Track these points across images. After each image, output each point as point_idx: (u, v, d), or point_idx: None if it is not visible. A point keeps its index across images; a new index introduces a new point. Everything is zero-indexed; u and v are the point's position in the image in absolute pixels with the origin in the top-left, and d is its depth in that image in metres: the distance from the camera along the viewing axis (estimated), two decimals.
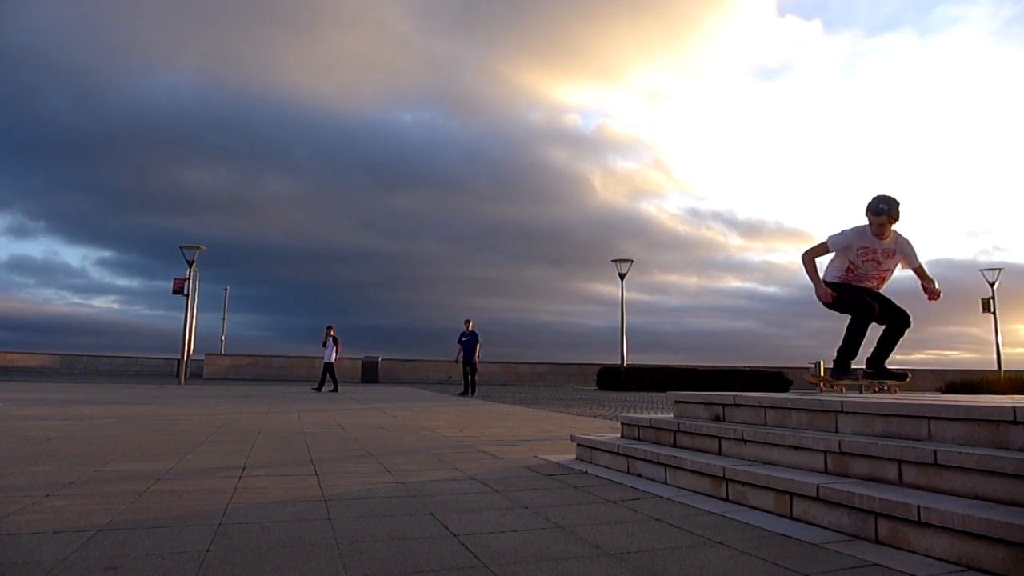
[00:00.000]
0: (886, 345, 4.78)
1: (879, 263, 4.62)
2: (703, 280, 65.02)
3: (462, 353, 16.25)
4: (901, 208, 4.44)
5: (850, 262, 4.66)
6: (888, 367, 4.84)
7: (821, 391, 5.05)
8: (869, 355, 4.81)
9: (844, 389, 5.05)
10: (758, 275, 65.40)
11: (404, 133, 62.90)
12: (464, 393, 16.12)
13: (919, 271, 4.67)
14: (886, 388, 5.03)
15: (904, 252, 4.60)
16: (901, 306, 4.74)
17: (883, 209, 4.41)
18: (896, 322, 4.72)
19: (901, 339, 4.77)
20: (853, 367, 4.82)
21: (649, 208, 65.61)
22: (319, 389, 16.39)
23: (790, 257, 68.45)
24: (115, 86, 58.10)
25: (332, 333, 16.65)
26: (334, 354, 16.55)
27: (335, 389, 16.40)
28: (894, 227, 4.51)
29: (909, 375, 4.93)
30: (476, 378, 16.47)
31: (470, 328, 16.24)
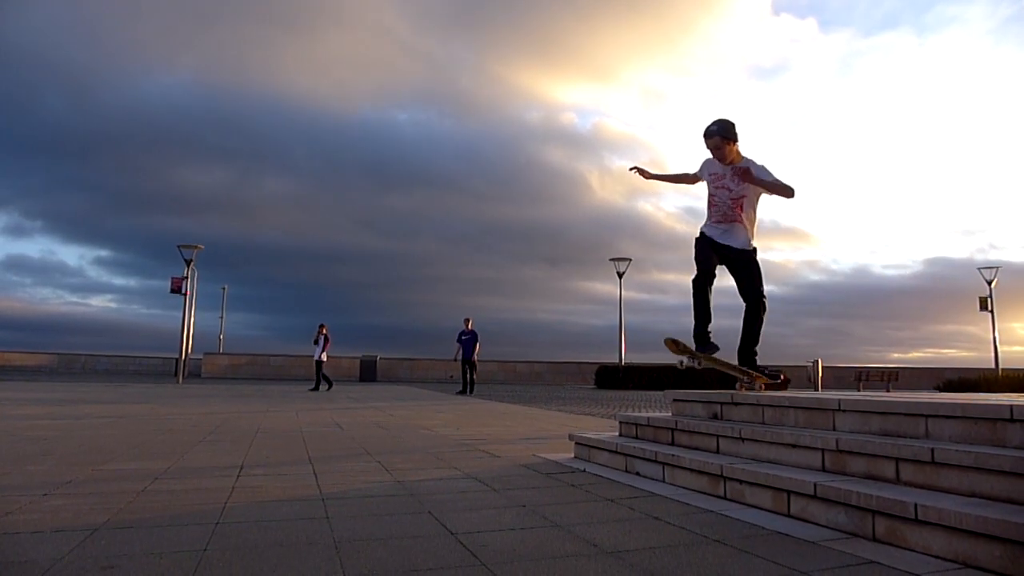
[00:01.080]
0: (743, 332, 4.44)
1: (730, 189, 4.40)
2: None
3: (461, 352, 16.26)
4: (736, 129, 4.30)
5: (709, 194, 4.51)
6: (755, 362, 4.44)
7: (681, 367, 4.46)
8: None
9: (700, 364, 4.43)
10: None
11: (401, 133, 62.91)
12: (462, 392, 16.13)
13: (772, 186, 4.33)
14: (759, 387, 4.47)
15: (760, 170, 4.32)
16: (757, 284, 4.37)
17: (712, 131, 4.32)
18: (745, 304, 4.43)
19: (757, 327, 4.34)
20: (713, 341, 4.37)
21: (646, 207, 65.68)
22: (316, 388, 16.37)
23: (787, 256, 68.45)
24: (113, 86, 58.03)
25: (324, 331, 16.66)
26: (324, 352, 16.55)
27: (317, 388, 16.37)
28: (746, 155, 4.36)
29: (783, 377, 4.61)
30: (475, 377, 16.48)
31: (469, 327, 16.25)
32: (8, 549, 2.27)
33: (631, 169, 4.92)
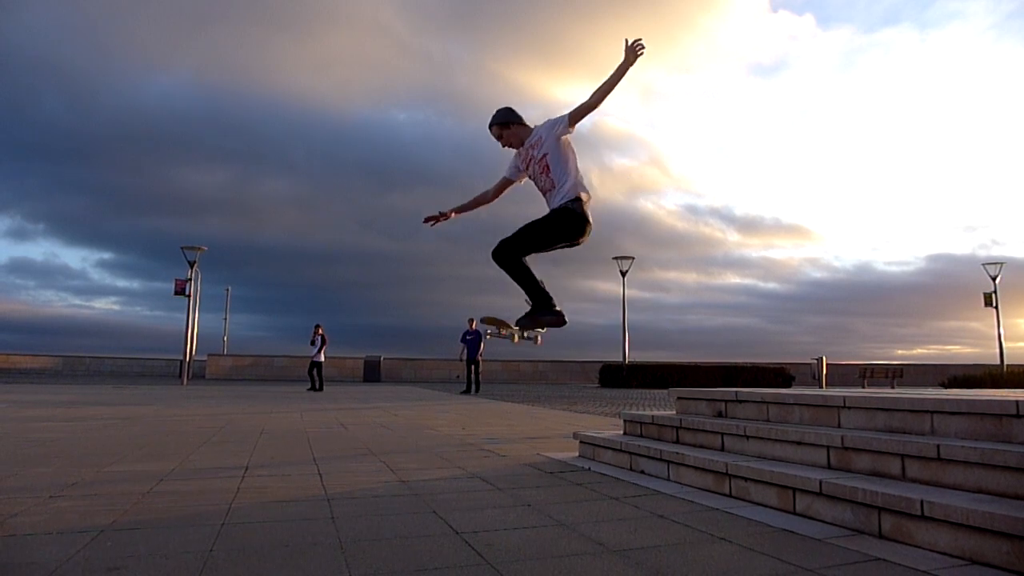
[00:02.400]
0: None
1: (537, 160, 4.02)
2: (702, 277, 65.00)
3: (465, 351, 16.27)
4: (515, 111, 4.11)
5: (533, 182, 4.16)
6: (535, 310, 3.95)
7: (515, 341, 4.29)
8: None
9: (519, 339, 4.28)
10: (757, 271, 65.40)
11: (400, 132, 62.95)
12: (466, 391, 16.13)
13: (580, 111, 3.91)
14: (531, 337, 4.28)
15: (547, 126, 3.99)
16: (513, 234, 3.90)
17: (490, 126, 4.14)
18: None
19: (512, 277, 3.89)
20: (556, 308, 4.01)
21: (647, 205, 65.59)
22: (317, 388, 16.37)
23: (789, 253, 68.36)
24: (113, 88, 58.15)
25: (320, 332, 16.65)
26: (321, 353, 16.55)
27: (316, 388, 16.39)
28: (536, 125, 4.06)
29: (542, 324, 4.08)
30: (480, 376, 16.49)
31: (474, 327, 16.25)
32: (15, 551, 2.27)
33: (425, 222, 4.37)
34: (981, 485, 2.36)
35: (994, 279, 26.26)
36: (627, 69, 3.78)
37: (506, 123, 4.13)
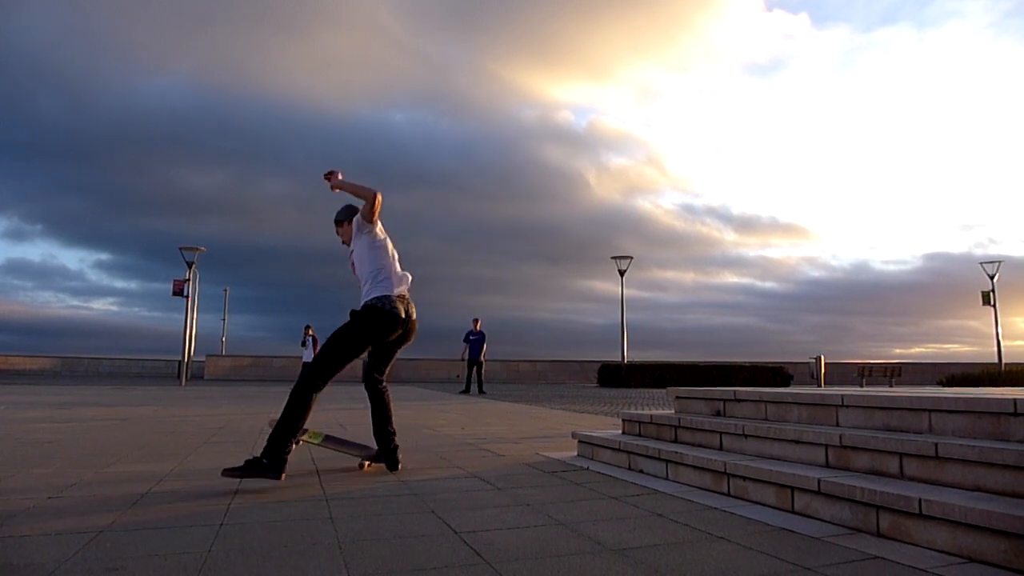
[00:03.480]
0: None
1: (349, 260, 4.16)
2: (700, 276, 65.02)
3: (468, 351, 16.22)
4: (346, 211, 4.12)
5: None
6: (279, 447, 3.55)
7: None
8: None
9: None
10: (755, 271, 65.43)
11: (398, 133, 62.90)
12: (465, 391, 16.11)
13: (363, 209, 3.91)
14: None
15: (355, 224, 4.01)
16: (316, 359, 3.78)
17: (335, 223, 4.17)
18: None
19: (289, 411, 3.60)
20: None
21: (644, 204, 65.59)
22: None
23: (786, 252, 68.37)
24: (111, 89, 58.07)
25: (311, 332, 16.63)
26: (313, 354, 16.53)
27: None
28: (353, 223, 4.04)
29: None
30: (483, 376, 16.45)
31: (478, 327, 16.22)
32: (14, 552, 2.27)
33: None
34: (979, 483, 2.37)
35: (992, 278, 26.29)
36: (344, 189, 3.94)
37: (339, 222, 4.16)
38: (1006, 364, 25.59)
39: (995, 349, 26.46)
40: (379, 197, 3.88)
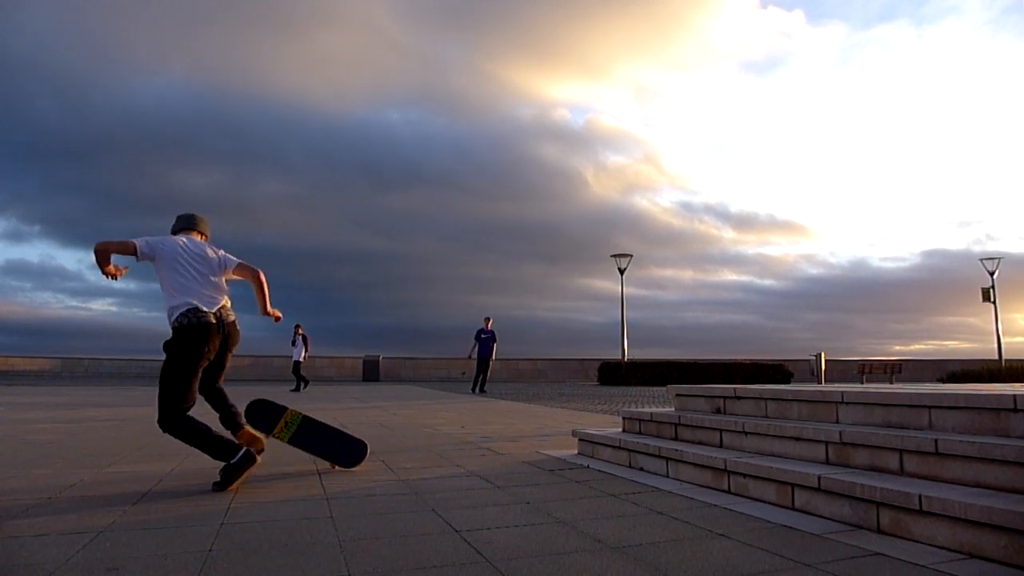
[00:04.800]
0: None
1: None
2: (699, 274, 64.93)
3: (477, 349, 16.27)
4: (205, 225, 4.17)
5: None
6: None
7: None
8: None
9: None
10: (754, 268, 65.32)
11: (395, 132, 62.83)
12: (481, 390, 16.20)
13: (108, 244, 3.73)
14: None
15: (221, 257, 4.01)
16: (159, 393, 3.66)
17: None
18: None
19: (186, 442, 3.58)
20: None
21: (642, 202, 65.48)
22: (297, 389, 16.34)
23: (784, 250, 68.29)
24: (108, 89, 57.92)
25: (301, 332, 16.62)
26: (303, 353, 16.52)
27: (300, 387, 16.36)
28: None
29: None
30: (488, 375, 16.49)
31: (489, 326, 16.30)
32: (15, 552, 2.27)
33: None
34: (979, 479, 2.37)
35: (992, 274, 26.28)
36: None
37: (204, 233, 4.17)
38: (1006, 360, 25.57)
39: (995, 346, 26.46)
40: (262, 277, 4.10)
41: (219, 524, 2.64)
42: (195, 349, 3.57)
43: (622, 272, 26.00)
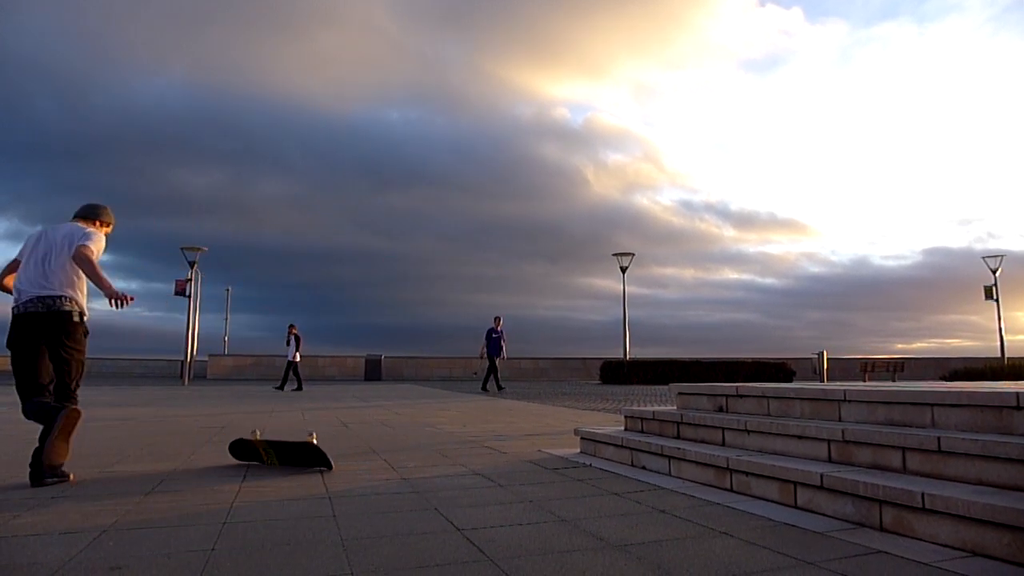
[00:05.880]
0: None
1: None
2: (700, 273, 64.96)
3: (486, 347, 16.35)
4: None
5: None
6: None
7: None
8: None
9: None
10: (754, 267, 65.31)
11: (395, 131, 62.85)
12: (500, 388, 16.26)
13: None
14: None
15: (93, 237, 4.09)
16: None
17: None
18: None
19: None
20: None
21: (643, 201, 65.49)
22: (282, 388, 16.35)
23: (785, 248, 68.22)
24: (108, 90, 58.05)
25: (295, 331, 16.67)
26: (296, 353, 16.56)
27: (283, 387, 16.42)
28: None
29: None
30: (497, 375, 16.55)
31: (499, 326, 16.36)
32: (17, 551, 2.28)
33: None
34: (982, 477, 2.37)
35: (994, 272, 26.22)
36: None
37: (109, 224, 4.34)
38: (1009, 358, 25.53)
39: (997, 344, 26.42)
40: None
41: (222, 523, 2.65)
42: (48, 336, 3.74)
43: (623, 271, 25.99)
